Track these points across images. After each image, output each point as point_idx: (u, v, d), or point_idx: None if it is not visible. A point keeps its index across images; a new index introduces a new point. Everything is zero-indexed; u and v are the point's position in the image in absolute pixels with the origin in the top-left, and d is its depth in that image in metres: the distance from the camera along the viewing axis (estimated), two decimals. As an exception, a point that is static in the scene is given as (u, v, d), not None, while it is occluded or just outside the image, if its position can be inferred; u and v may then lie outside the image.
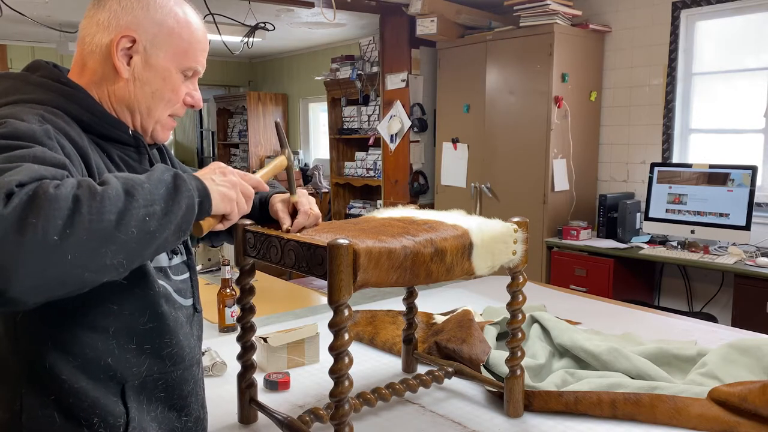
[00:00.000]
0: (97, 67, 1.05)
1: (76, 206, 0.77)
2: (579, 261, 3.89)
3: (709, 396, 1.42)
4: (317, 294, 2.63)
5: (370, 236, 1.19)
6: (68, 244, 0.75)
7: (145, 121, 1.09)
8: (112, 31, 1.03)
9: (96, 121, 1.02)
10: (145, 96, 1.06)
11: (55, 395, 0.97)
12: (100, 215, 0.78)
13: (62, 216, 0.75)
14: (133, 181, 0.85)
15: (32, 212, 0.73)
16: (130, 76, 1.05)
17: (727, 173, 3.50)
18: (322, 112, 7.11)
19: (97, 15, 1.04)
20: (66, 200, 0.76)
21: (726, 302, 3.64)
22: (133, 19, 1.03)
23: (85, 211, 0.77)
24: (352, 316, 1.12)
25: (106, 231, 0.79)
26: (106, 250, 0.79)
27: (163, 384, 1.08)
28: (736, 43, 3.81)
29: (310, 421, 1.33)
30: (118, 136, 1.05)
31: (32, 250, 0.72)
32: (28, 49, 6.75)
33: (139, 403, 1.04)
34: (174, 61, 1.07)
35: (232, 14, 4.40)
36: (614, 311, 2.31)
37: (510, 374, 1.45)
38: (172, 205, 0.87)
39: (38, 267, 0.73)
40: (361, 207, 6.11)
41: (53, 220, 0.74)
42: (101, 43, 1.03)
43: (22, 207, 0.73)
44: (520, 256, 1.40)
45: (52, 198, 0.75)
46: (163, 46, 1.05)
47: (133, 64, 1.04)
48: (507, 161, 4.30)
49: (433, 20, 4.40)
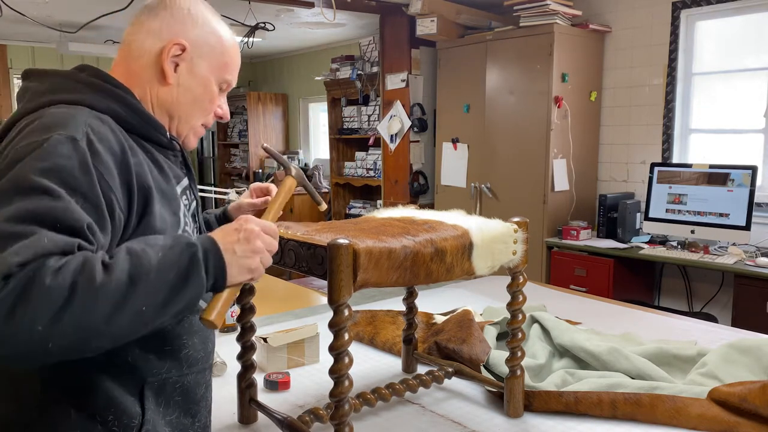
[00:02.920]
0: (142, 72, 1.09)
1: (70, 299, 0.78)
2: (579, 261, 3.89)
3: (709, 396, 1.42)
4: (317, 294, 2.63)
5: (370, 236, 1.19)
6: (52, 334, 0.77)
7: (182, 127, 1.14)
8: (163, 38, 1.08)
9: (140, 122, 1.05)
10: (186, 102, 1.12)
11: (72, 391, 0.97)
12: (92, 310, 0.79)
13: (52, 309, 0.77)
14: (142, 266, 0.84)
15: (22, 302, 0.76)
16: (175, 82, 1.10)
17: (727, 173, 3.50)
18: (322, 112, 7.11)
19: (148, 23, 1.09)
20: (61, 291, 0.78)
21: (726, 302, 3.64)
22: (183, 29, 1.09)
23: (78, 305, 0.78)
24: (352, 316, 1.12)
25: (94, 325, 0.80)
26: (90, 341, 0.81)
27: (180, 387, 1.08)
28: (736, 43, 3.81)
29: (310, 421, 1.33)
30: (158, 138, 1.08)
31: (15, 334, 0.76)
32: (28, 49, 6.75)
33: (157, 406, 1.04)
34: (214, 72, 1.13)
35: (232, 14, 4.41)
36: (614, 311, 2.31)
37: (510, 374, 1.45)
38: (174, 296, 0.87)
39: (19, 349, 0.77)
40: (361, 207, 6.11)
41: (42, 312, 0.76)
42: (151, 49, 1.08)
43: (15, 295, 0.76)
44: (520, 256, 1.40)
45: (45, 290, 0.77)
46: (206, 57, 1.12)
47: (179, 72, 1.10)
48: (507, 161, 4.30)
49: (433, 20, 4.40)
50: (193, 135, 1.17)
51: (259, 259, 0.98)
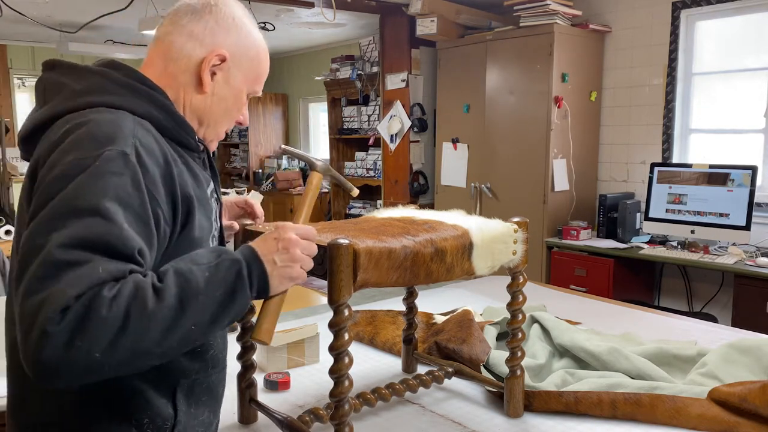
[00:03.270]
0: (179, 74, 1.07)
1: (124, 326, 0.81)
2: (579, 261, 3.89)
3: (709, 396, 1.42)
4: (317, 294, 2.63)
5: (370, 236, 1.19)
6: (108, 360, 0.81)
7: (209, 133, 1.13)
8: (206, 46, 1.07)
9: (175, 127, 1.04)
10: (218, 111, 1.11)
11: (109, 394, 0.97)
12: (145, 335, 0.82)
13: (108, 338, 0.80)
14: (191, 288, 0.87)
15: (80, 334, 0.78)
16: (210, 91, 1.08)
17: (727, 173, 3.50)
18: (322, 112, 7.11)
19: (191, 25, 1.07)
20: (116, 320, 0.80)
21: (726, 302, 3.64)
22: (227, 38, 1.08)
23: (132, 332, 0.81)
24: (352, 316, 1.12)
25: (147, 348, 0.83)
26: (142, 361, 0.85)
27: (206, 387, 1.09)
28: (736, 43, 3.81)
29: (310, 421, 1.33)
30: (188, 141, 1.07)
31: (74, 363, 0.79)
32: (28, 49, 6.75)
33: (188, 407, 1.05)
34: (247, 83, 1.13)
35: (232, 14, 4.40)
36: (614, 311, 2.31)
37: (510, 374, 1.45)
38: (221, 313, 0.90)
39: (78, 374, 0.80)
40: (361, 207, 6.11)
41: (99, 341, 0.79)
42: (192, 55, 1.06)
43: (72, 327, 0.78)
44: (520, 256, 1.40)
45: (102, 321, 0.79)
46: (242, 68, 1.11)
47: (215, 80, 1.08)
48: (507, 161, 4.30)
49: (433, 20, 4.40)
50: (216, 140, 1.17)
51: (299, 267, 1.01)
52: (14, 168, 5.15)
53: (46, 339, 0.77)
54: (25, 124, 1.02)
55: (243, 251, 0.96)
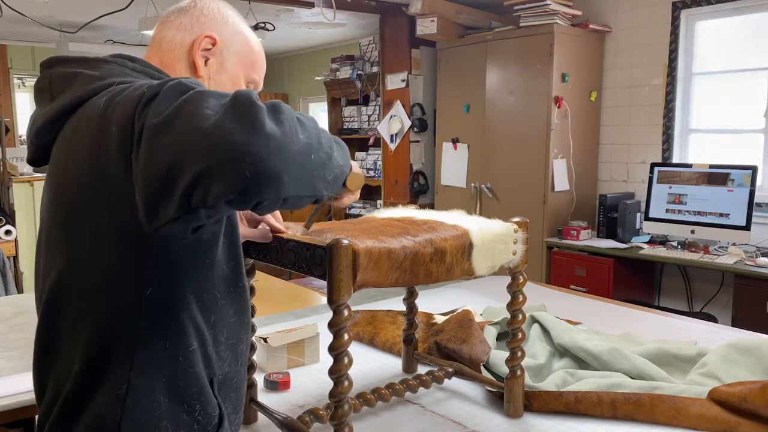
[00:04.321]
0: (174, 63, 1.10)
1: (299, 121, 0.87)
2: (579, 261, 3.89)
3: (709, 396, 1.42)
4: (317, 294, 2.63)
5: (369, 236, 1.19)
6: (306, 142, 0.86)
7: None
8: (194, 32, 1.10)
9: None
10: None
11: (167, 377, 0.94)
12: (305, 125, 0.89)
13: (295, 123, 0.86)
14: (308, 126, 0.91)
15: (276, 115, 0.84)
16: (206, 76, 1.10)
17: (727, 173, 3.50)
18: (322, 112, 7.11)
19: (179, 19, 1.11)
20: (290, 113, 0.86)
21: (726, 302, 3.64)
22: (214, 25, 1.11)
23: (302, 119, 0.89)
24: (351, 316, 1.12)
25: (312, 138, 0.88)
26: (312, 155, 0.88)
27: (235, 383, 1.07)
28: (736, 43, 3.81)
29: (310, 421, 1.33)
30: None
31: (290, 141, 0.83)
32: (28, 49, 6.75)
33: (225, 402, 1.03)
34: (244, 69, 1.15)
35: (232, 14, 4.39)
36: (614, 311, 2.31)
37: (510, 374, 1.45)
38: (332, 154, 0.94)
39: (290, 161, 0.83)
40: (361, 207, 6.11)
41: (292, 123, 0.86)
42: (182, 42, 1.10)
43: (270, 110, 0.84)
44: (520, 256, 1.40)
45: (284, 108, 0.86)
46: (237, 53, 1.13)
47: (209, 65, 1.11)
48: (507, 161, 4.30)
49: (433, 20, 4.40)
50: None
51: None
52: (14, 168, 5.14)
53: (257, 109, 0.80)
54: (39, 118, 1.01)
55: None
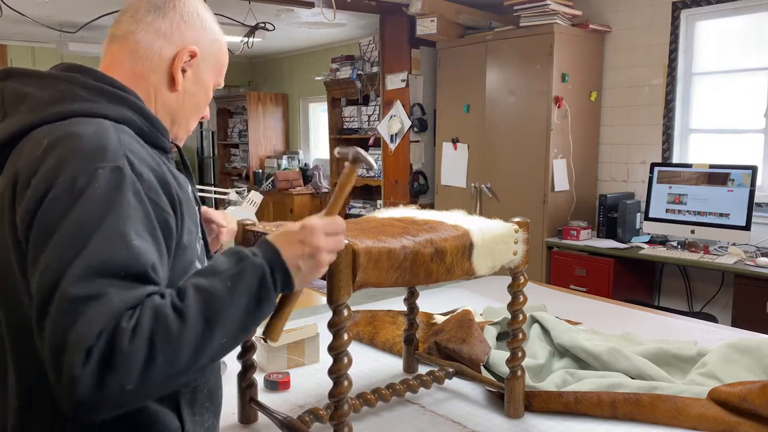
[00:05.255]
0: (149, 74, 1.04)
1: (151, 355, 0.79)
2: (579, 261, 3.89)
3: (709, 396, 1.42)
4: (317, 294, 2.63)
5: (369, 236, 1.19)
6: (143, 389, 0.80)
7: (181, 131, 1.11)
8: (175, 43, 1.04)
9: (151, 129, 1.00)
10: (190, 108, 1.09)
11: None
12: (175, 359, 0.81)
13: (137, 370, 0.79)
14: (215, 302, 0.85)
15: (108, 371, 0.77)
16: (182, 89, 1.06)
17: (727, 173, 3.50)
18: (322, 112, 7.11)
19: (157, 23, 1.04)
20: (141, 351, 0.79)
21: (726, 302, 3.64)
22: (195, 35, 1.06)
23: (160, 359, 0.80)
24: (351, 316, 1.12)
25: (180, 370, 0.82)
26: (178, 381, 0.85)
27: (207, 392, 1.07)
28: (736, 43, 3.81)
29: (309, 421, 1.33)
30: (163, 143, 1.03)
31: (108, 399, 0.78)
32: (28, 49, 6.75)
33: (193, 415, 1.03)
34: (214, 77, 1.12)
35: (232, 14, 4.40)
36: (614, 311, 2.31)
37: (511, 375, 1.45)
38: (250, 321, 0.90)
39: (118, 407, 0.81)
40: (361, 207, 6.11)
41: (128, 375, 0.78)
42: (161, 53, 1.03)
43: (99, 366, 0.77)
44: (521, 256, 1.40)
45: (127, 355, 0.78)
46: (210, 63, 1.10)
47: (186, 77, 1.06)
48: (507, 161, 4.30)
49: (433, 20, 4.40)
50: (185, 136, 1.14)
51: (324, 269, 1.00)
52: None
53: (77, 382, 0.76)
54: None
55: (265, 253, 0.92)
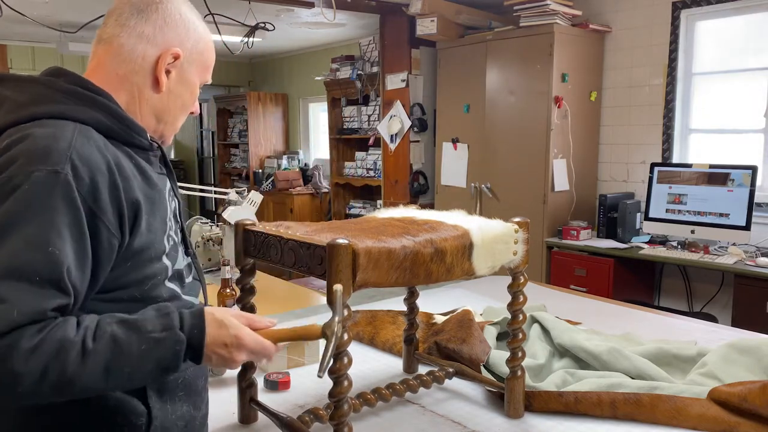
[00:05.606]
0: (132, 76, 1.06)
1: (40, 382, 0.83)
2: (579, 261, 3.89)
3: (709, 396, 1.42)
4: (317, 294, 2.63)
5: (369, 236, 1.19)
6: (20, 401, 0.86)
7: (167, 129, 1.14)
8: (158, 45, 1.06)
9: (123, 128, 1.03)
10: (176, 108, 1.12)
11: (82, 398, 0.97)
12: (62, 392, 0.86)
13: (21, 390, 0.82)
14: (122, 357, 0.89)
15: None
16: (167, 89, 1.09)
17: (727, 173, 3.50)
18: (322, 112, 7.11)
19: (139, 26, 1.06)
20: (31, 377, 0.82)
21: (726, 302, 3.64)
22: (177, 36, 1.08)
23: (46, 388, 0.84)
24: (352, 316, 1.12)
25: (65, 396, 0.87)
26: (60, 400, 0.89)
27: (182, 382, 1.10)
28: (736, 43, 3.81)
29: (309, 421, 1.33)
30: (140, 142, 1.06)
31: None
32: (28, 49, 6.74)
33: (163, 403, 1.05)
34: (199, 75, 1.14)
35: (232, 14, 4.40)
36: (614, 311, 2.31)
37: (511, 375, 1.45)
38: (145, 380, 0.96)
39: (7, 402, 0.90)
40: (361, 207, 6.11)
41: (10, 390, 0.82)
42: (145, 55, 1.06)
43: None
44: (521, 256, 1.40)
45: (15, 375, 0.81)
46: (195, 62, 1.12)
47: (170, 78, 1.09)
48: (507, 161, 4.30)
49: (433, 20, 4.40)
50: (173, 133, 1.17)
51: (233, 366, 1.03)
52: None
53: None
54: None
55: (191, 330, 0.95)
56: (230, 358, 0.99)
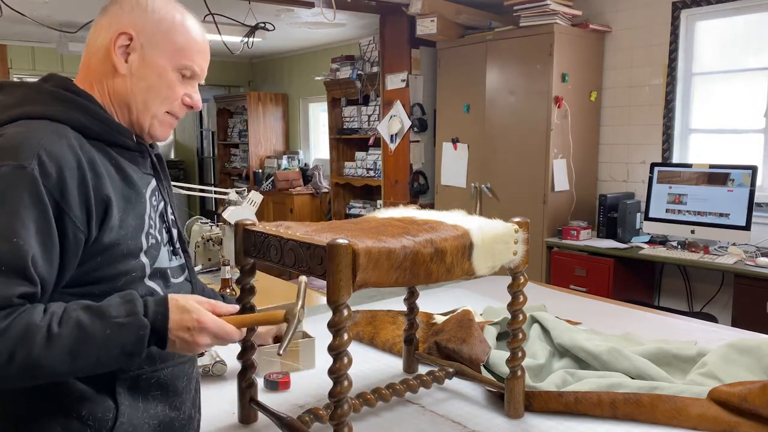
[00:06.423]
0: (98, 66, 1.10)
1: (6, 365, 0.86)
2: (579, 261, 3.89)
3: (709, 396, 1.42)
4: (317, 294, 2.63)
5: (369, 236, 1.19)
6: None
7: (142, 116, 1.12)
8: (111, 30, 1.09)
9: (104, 128, 1.06)
10: (141, 91, 1.11)
11: (49, 391, 1.00)
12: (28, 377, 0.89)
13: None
14: (87, 341, 0.91)
15: None
16: (128, 72, 1.10)
17: (727, 173, 3.50)
18: (322, 112, 7.11)
19: (100, 20, 1.12)
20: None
21: (726, 302, 3.64)
22: (132, 19, 1.10)
23: (13, 371, 0.87)
24: (351, 316, 1.12)
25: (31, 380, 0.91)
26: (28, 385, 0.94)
27: (156, 382, 1.11)
28: (736, 43, 3.81)
29: (309, 421, 1.33)
30: (123, 142, 1.09)
31: None
32: (28, 49, 6.75)
33: (134, 400, 1.07)
34: (170, 59, 1.11)
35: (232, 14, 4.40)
36: (614, 311, 2.31)
37: (511, 375, 1.45)
38: (111, 365, 0.97)
39: None
40: (361, 207, 6.11)
41: None
42: (102, 43, 1.10)
43: None
44: (521, 256, 1.40)
45: None
46: (159, 44, 1.10)
47: (130, 61, 1.10)
48: (507, 161, 4.30)
49: (433, 20, 4.40)
50: (159, 124, 1.14)
51: (196, 350, 1.04)
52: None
53: None
54: None
55: (155, 315, 0.98)
56: (193, 341, 1.01)
